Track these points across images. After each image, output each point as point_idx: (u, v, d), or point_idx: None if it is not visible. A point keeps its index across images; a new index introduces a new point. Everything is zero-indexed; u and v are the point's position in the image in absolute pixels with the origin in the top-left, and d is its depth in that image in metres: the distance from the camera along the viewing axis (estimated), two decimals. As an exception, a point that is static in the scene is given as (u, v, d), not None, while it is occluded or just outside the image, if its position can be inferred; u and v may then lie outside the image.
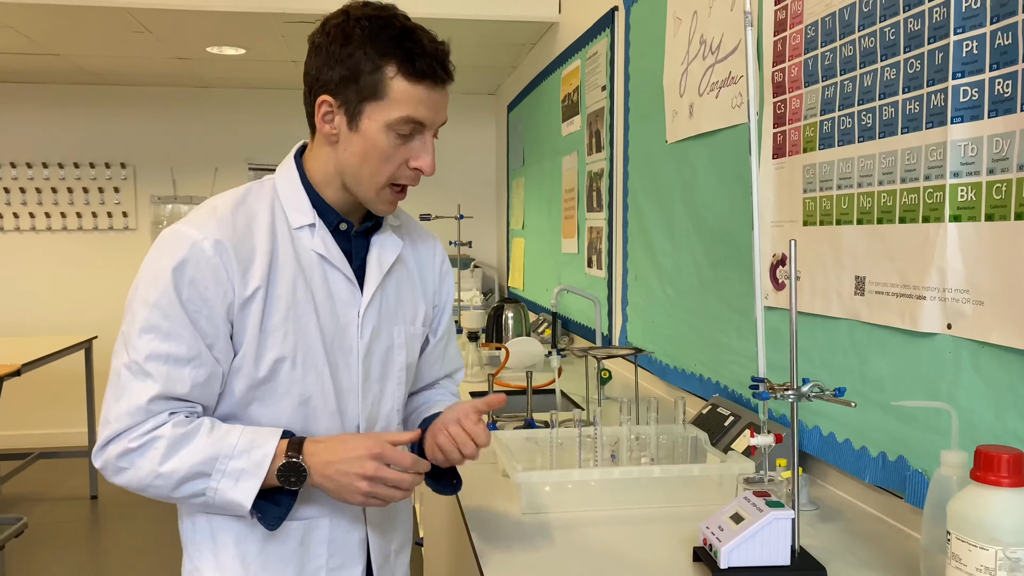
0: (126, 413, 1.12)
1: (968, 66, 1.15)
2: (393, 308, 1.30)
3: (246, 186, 1.24)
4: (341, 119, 1.17)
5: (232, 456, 1.13)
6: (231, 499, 1.13)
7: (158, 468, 1.12)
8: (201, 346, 1.14)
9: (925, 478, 1.24)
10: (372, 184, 1.19)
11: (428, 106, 1.17)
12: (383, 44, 1.14)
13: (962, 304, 1.17)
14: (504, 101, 5.29)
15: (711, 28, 2.00)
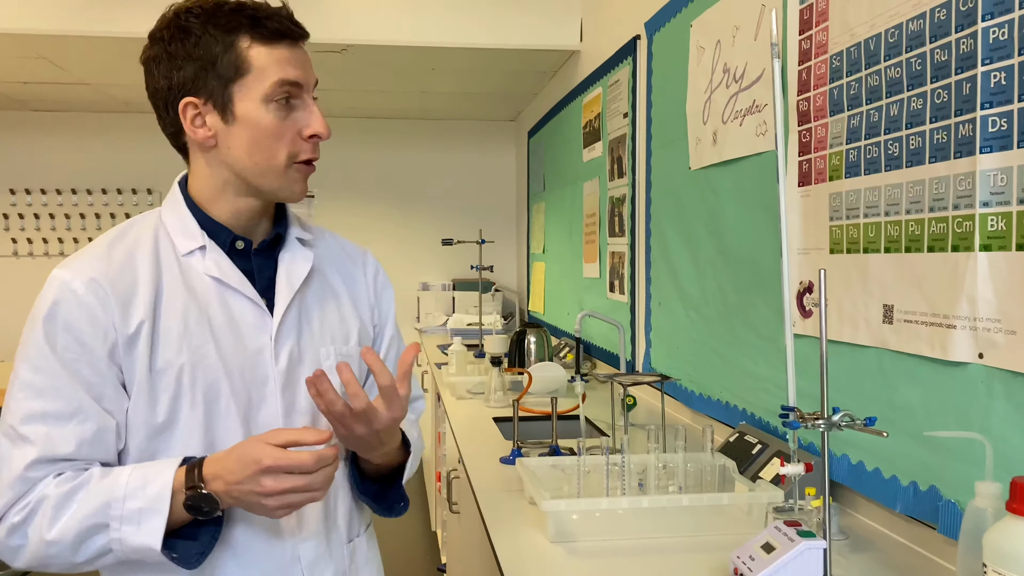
0: (7, 486, 1.00)
1: (996, 96, 1.15)
2: (317, 328, 1.17)
3: (127, 221, 1.15)
4: (213, 116, 1.07)
5: (125, 497, 0.99)
6: (138, 545, 0.99)
7: (47, 536, 0.99)
8: (84, 398, 1.02)
9: (959, 508, 1.23)
10: (273, 169, 1.09)
11: (296, 64, 1.08)
12: (225, 20, 1.06)
13: (994, 334, 1.16)
14: (525, 127, 5.33)
15: (735, 57, 2.02)
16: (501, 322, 4.82)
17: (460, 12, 3.67)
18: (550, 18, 3.75)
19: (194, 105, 1.07)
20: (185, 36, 1.06)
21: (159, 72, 1.08)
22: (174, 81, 1.07)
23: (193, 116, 1.08)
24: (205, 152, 1.11)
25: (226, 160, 1.09)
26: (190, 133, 1.09)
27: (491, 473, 1.89)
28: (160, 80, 1.08)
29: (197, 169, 1.13)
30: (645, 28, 2.75)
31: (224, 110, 1.07)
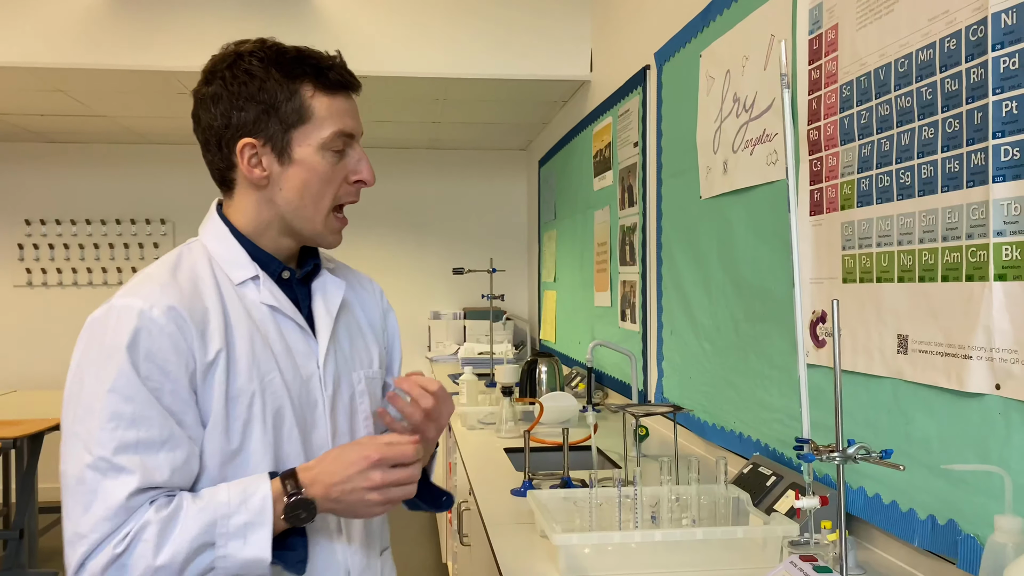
0: (103, 519, 0.98)
1: (1008, 126, 1.15)
2: (348, 354, 1.23)
3: (174, 251, 1.15)
4: (270, 158, 1.11)
5: (230, 514, 1.01)
6: (247, 558, 1.01)
7: (154, 562, 0.98)
8: (172, 425, 1.02)
9: (978, 543, 1.21)
10: (318, 213, 1.14)
11: (352, 116, 1.15)
12: (289, 68, 1.10)
13: (1011, 364, 1.15)
14: (536, 156, 5.35)
15: (744, 86, 2.03)
16: (512, 351, 4.80)
17: (470, 43, 3.70)
18: (560, 49, 3.78)
19: (252, 145, 1.11)
20: (249, 79, 1.09)
21: (216, 110, 1.11)
22: (233, 121, 1.11)
23: (250, 155, 1.11)
24: (256, 190, 1.14)
25: (275, 199, 1.13)
26: (245, 172, 1.12)
27: (502, 505, 1.87)
28: (217, 118, 1.12)
29: (243, 204, 1.16)
30: (655, 58, 2.77)
31: (282, 153, 1.11)
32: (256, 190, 1.14)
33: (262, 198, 1.14)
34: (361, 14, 3.66)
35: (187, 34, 3.59)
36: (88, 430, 1.00)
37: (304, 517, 1.04)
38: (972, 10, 1.21)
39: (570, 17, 3.79)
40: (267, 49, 1.12)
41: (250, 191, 1.15)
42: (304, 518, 1.04)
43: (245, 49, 1.12)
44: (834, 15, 1.59)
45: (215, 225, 1.17)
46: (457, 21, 3.71)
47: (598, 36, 3.68)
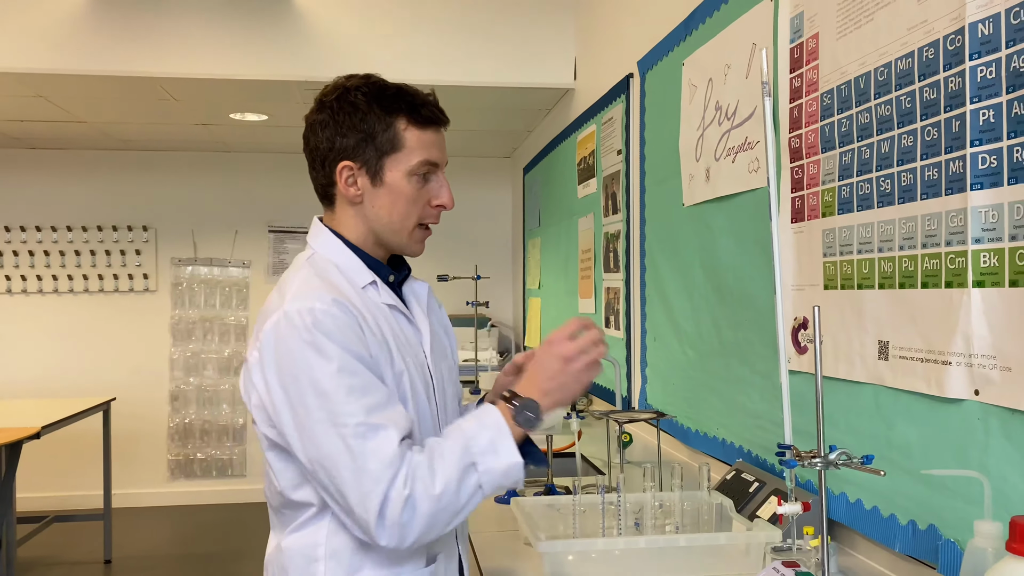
0: (385, 466, 1.12)
1: (986, 134, 1.16)
2: (436, 346, 1.40)
3: (301, 263, 1.29)
4: (364, 179, 1.27)
5: (477, 435, 1.16)
6: (504, 467, 1.16)
7: (435, 491, 1.13)
8: (385, 388, 1.20)
9: (958, 548, 1.21)
10: (404, 228, 1.30)
11: (438, 147, 1.31)
12: (388, 103, 1.26)
13: (989, 370, 1.16)
14: (520, 164, 5.36)
15: (726, 95, 2.04)
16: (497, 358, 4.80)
17: (454, 50, 3.71)
18: (544, 57, 3.79)
19: (350, 168, 1.27)
20: (353, 110, 1.26)
21: (323, 134, 1.28)
22: (336, 145, 1.26)
23: (347, 176, 1.27)
24: (352, 205, 1.30)
25: (368, 215, 1.29)
26: (342, 190, 1.29)
27: (486, 513, 1.87)
28: (323, 141, 1.28)
29: (343, 219, 1.32)
30: (638, 66, 2.78)
31: (375, 176, 1.27)
32: (352, 206, 1.30)
33: (357, 213, 1.30)
34: (345, 19, 3.65)
35: (169, 39, 3.58)
36: (332, 410, 1.13)
37: (533, 417, 1.18)
38: (950, 20, 1.22)
39: (554, 25, 3.80)
40: (371, 85, 1.28)
41: (347, 207, 1.30)
42: (534, 418, 1.18)
43: (352, 84, 1.28)
44: (815, 24, 1.60)
45: (328, 237, 1.31)
46: (441, 28, 3.71)
47: (582, 44, 3.69)
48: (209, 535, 5.01)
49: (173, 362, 5.71)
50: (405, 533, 1.12)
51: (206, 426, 5.75)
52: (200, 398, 5.74)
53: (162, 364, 5.70)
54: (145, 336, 5.68)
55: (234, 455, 5.78)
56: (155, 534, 5.06)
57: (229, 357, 5.76)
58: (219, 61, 3.61)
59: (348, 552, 1.23)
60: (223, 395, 5.76)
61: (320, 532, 1.23)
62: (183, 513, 5.48)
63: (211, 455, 5.76)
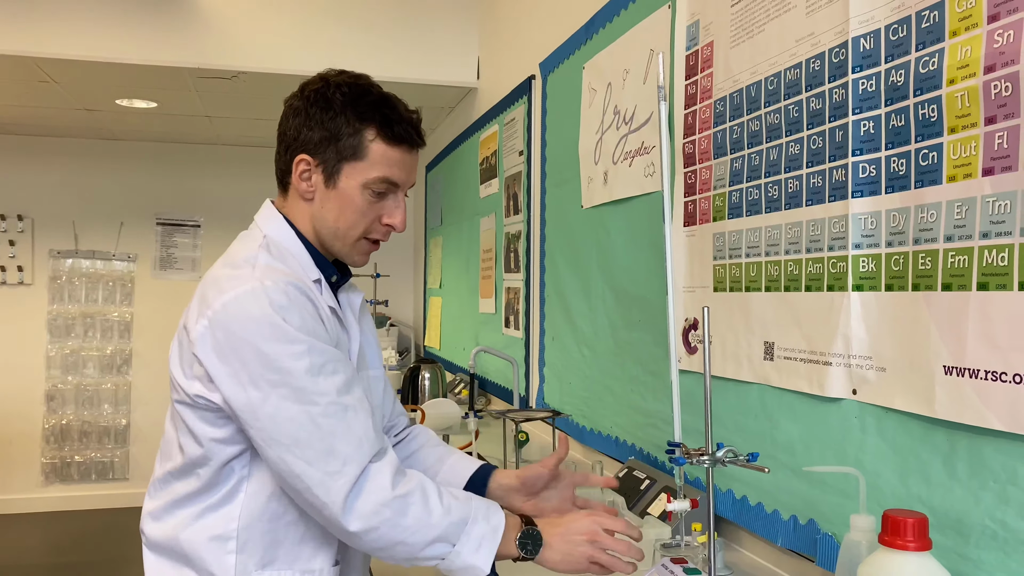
0: (355, 447, 1.10)
1: (866, 144, 1.21)
2: (366, 352, 1.37)
3: (253, 241, 1.24)
4: (318, 177, 1.24)
5: (476, 520, 1.14)
6: (468, 564, 1.13)
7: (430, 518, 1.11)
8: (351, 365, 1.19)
9: (835, 541, 1.26)
10: (348, 237, 1.26)
11: (403, 168, 1.26)
12: (363, 109, 1.22)
13: (866, 370, 1.21)
14: (423, 161, 5.32)
15: (625, 100, 2.07)
16: (396, 358, 4.74)
17: (356, 44, 3.64)
18: (448, 54, 3.77)
19: (307, 162, 1.24)
20: (327, 107, 1.22)
21: (293, 121, 1.25)
22: (301, 136, 1.23)
23: (303, 170, 1.24)
24: (303, 200, 1.27)
25: (316, 215, 1.26)
26: (295, 181, 1.25)
27: (379, 514, 1.83)
28: (291, 128, 1.25)
29: (295, 210, 1.28)
30: (540, 68, 2.80)
31: (329, 177, 1.24)
32: (303, 201, 1.26)
33: (306, 209, 1.27)
34: (242, 6, 3.53)
35: (53, 20, 3.37)
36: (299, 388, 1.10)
37: (530, 549, 1.16)
38: (835, 33, 1.27)
39: (458, 24, 3.78)
40: (354, 86, 1.24)
41: (299, 200, 1.27)
42: (530, 550, 1.16)
43: (335, 80, 1.25)
44: (710, 32, 1.64)
45: (282, 224, 1.27)
46: (343, 21, 3.64)
47: (485, 44, 3.69)
48: (87, 543, 4.76)
49: (50, 360, 5.39)
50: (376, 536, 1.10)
51: (85, 427, 5.46)
52: (79, 398, 5.44)
53: (37, 362, 5.37)
54: (18, 332, 5.35)
55: (116, 457, 5.50)
56: (27, 542, 4.76)
57: (112, 355, 5.48)
58: (106, 43, 3.43)
59: (262, 544, 1.19)
60: (104, 394, 5.48)
61: (231, 523, 1.19)
62: (58, 519, 5.18)
63: (90, 458, 5.47)
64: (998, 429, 0.98)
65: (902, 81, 1.14)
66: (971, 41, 1.03)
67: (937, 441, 1.09)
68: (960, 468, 1.05)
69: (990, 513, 1.00)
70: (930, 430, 1.10)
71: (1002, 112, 0.98)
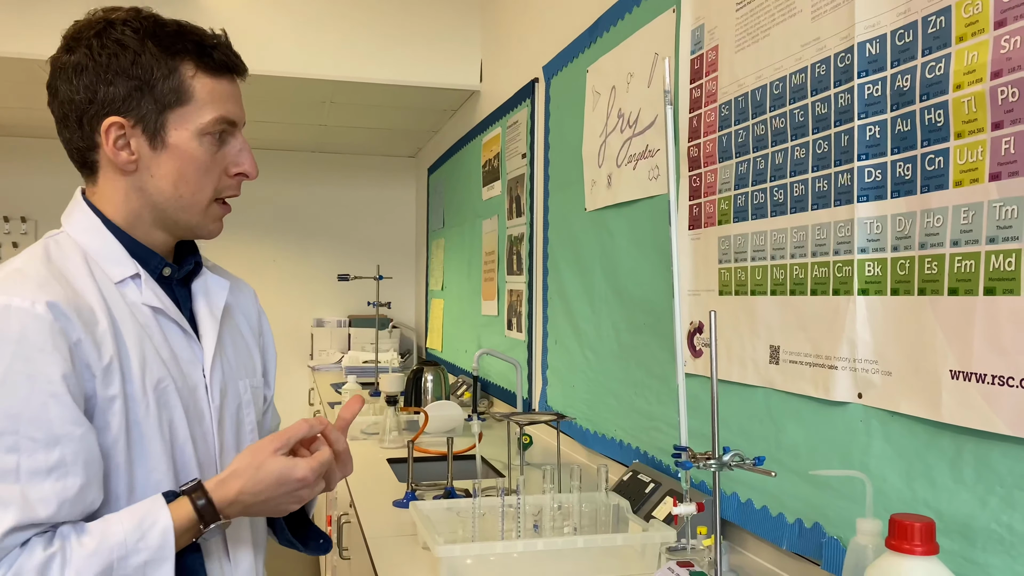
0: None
1: (872, 149, 1.22)
2: (233, 361, 1.14)
3: (38, 245, 1.01)
4: (139, 140, 1.01)
5: (127, 555, 0.89)
6: None
7: None
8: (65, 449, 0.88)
9: (841, 545, 1.27)
10: (196, 204, 1.04)
11: (235, 102, 1.06)
12: (169, 42, 1.00)
13: (871, 374, 1.21)
14: (425, 164, 5.32)
15: (629, 103, 2.07)
16: (398, 360, 4.75)
17: (360, 47, 3.65)
18: (450, 57, 3.77)
19: (120, 125, 1.00)
20: (121, 51, 0.98)
21: (79, 82, 0.99)
22: (99, 96, 0.99)
23: (117, 136, 1.00)
24: (123, 175, 1.03)
25: (146, 187, 1.03)
26: (110, 154, 1.01)
27: (384, 517, 1.84)
28: (80, 91, 0.99)
29: (108, 192, 1.04)
30: (543, 71, 2.80)
31: (154, 135, 1.01)
32: (123, 176, 1.03)
33: (131, 185, 1.03)
34: (248, 10, 3.54)
35: (56, 22, 3.38)
36: None
37: (215, 528, 0.97)
38: (840, 38, 1.28)
39: (461, 27, 3.79)
40: (143, 19, 1.01)
41: (116, 177, 1.03)
42: (215, 529, 0.97)
43: (117, 17, 1.00)
44: (715, 36, 1.65)
45: (84, 215, 1.04)
46: (347, 24, 3.64)
47: (488, 47, 3.69)
48: None
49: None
50: None
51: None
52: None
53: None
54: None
55: None
56: None
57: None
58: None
59: None
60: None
61: None
62: None
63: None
64: (1005, 433, 0.98)
65: (908, 86, 1.14)
66: (978, 47, 1.03)
67: (943, 445, 1.09)
68: (966, 472, 1.05)
69: (996, 517, 1.00)
70: (936, 434, 1.10)
71: (1009, 117, 0.98)
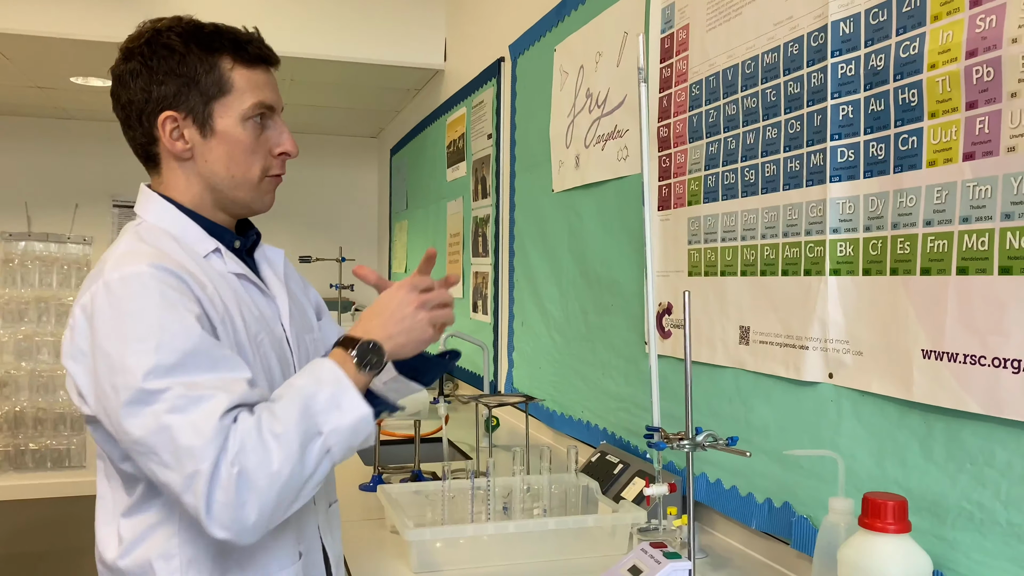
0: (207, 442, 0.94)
1: (845, 128, 1.21)
2: (298, 318, 1.28)
3: (128, 235, 1.13)
4: (191, 130, 1.13)
5: (315, 394, 1.01)
6: (351, 423, 1.02)
7: (273, 468, 0.96)
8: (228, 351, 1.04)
9: (811, 524, 1.27)
10: (248, 182, 1.17)
11: (271, 88, 1.18)
12: (208, 42, 1.13)
13: (842, 354, 1.22)
14: (387, 145, 5.25)
15: (597, 82, 2.05)
16: (360, 342, 4.69)
17: (321, 23, 3.57)
18: (414, 36, 3.71)
19: (173, 118, 1.13)
20: (168, 54, 1.12)
21: (135, 85, 1.13)
22: (153, 95, 1.12)
23: (172, 129, 1.13)
24: (180, 163, 1.16)
25: (202, 172, 1.15)
26: (168, 145, 1.14)
27: (350, 501, 1.81)
28: (137, 93, 1.13)
29: (172, 181, 1.17)
30: (509, 51, 2.77)
31: (203, 125, 1.14)
32: (181, 164, 1.15)
33: (190, 171, 1.16)
34: (202, -16, 3.43)
35: None
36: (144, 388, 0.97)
37: (376, 361, 1.06)
38: (814, 17, 1.27)
39: (425, 4, 3.73)
40: (184, 25, 1.14)
41: (176, 166, 1.16)
42: (377, 361, 1.07)
43: (163, 26, 1.14)
44: (685, 15, 1.63)
45: (158, 203, 1.16)
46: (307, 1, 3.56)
47: (453, 25, 3.64)
48: (42, 532, 4.65)
49: (2, 345, 5.25)
50: (242, 517, 0.94)
51: (40, 414, 5.32)
52: (33, 384, 5.30)
53: (-11, 348, 5.23)
54: (-31, 317, 5.19)
55: (72, 445, 5.38)
56: (-21, 533, 4.64)
57: (67, 340, 5.35)
58: (60, 18, 3.31)
59: (208, 560, 1.07)
60: (59, 380, 5.34)
61: (171, 541, 1.07)
62: (12, 508, 5.06)
63: (46, 445, 5.34)
64: (976, 412, 0.99)
65: (882, 66, 1.14)
66: (953, 26, 1.03)
67: (914, 424, 1.09)
68: (936, 451, 1.06)
69: (967, 495, 1.01)
70: (907, 413, 1.11)
71: (983, 97, 0.99)
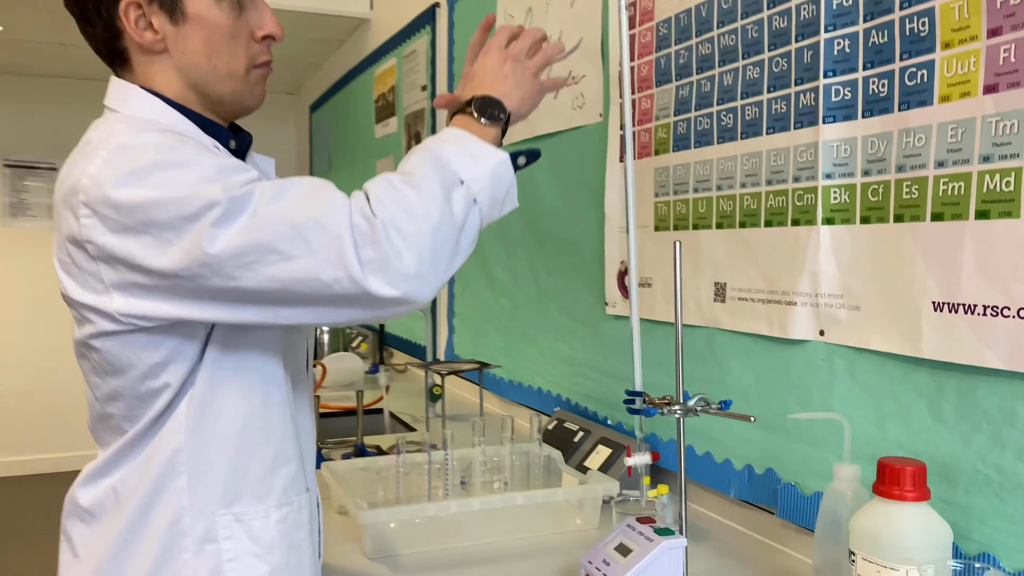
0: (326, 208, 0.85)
1: (840, 64, 1.12)
2: None
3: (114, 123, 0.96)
4: (160, 17, 0.96)
5: (441, 147, 0.93)
6: (491, 168, 0.94)
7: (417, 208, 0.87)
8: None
9: (800, 491, 1.20)
10: (235, 73, 1.00)
11: None
12: None
13: (836, 310, 1.13)
14: (306, 101, 4.99)
15: (549, 25, 1.92)
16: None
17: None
18: (338, -18, 3.49)
19: (137, 5, 0.96)
20: None
21: None
22: None
23: (137, 17, 0.96)
24: (153, 57, 0.98)
25: (181, 66, 0.99)
26: (135, 36, 0.97)
27: (288, 480, 1.66)
28: None
29: (148, 77, 0.99)
30: (446, -4, 2.60)
31: (173, 9, 0.97)
32: (155, 58, 0.98)
33: (167, 66, 0.99)
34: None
35: None
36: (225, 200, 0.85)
37: (498, 113, 1.00)
38: (804, -56, 1.17)
39: (348, -51, 3.50)
40: None
41: (149, 61, 0.99)
42: (499, 113, 1.00)
43: None
44: (651, -52, 1.51)
45: (143, 95, 0.98)
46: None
47: (379, -28, 3.43)
48: None
49: None
50: (400, 267, 0.84)
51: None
52: (-80, 361, 4.89)
53: None
54: None
55: (-33, 426, 5.00)
56: None
57: (-43, 313, 4.94)
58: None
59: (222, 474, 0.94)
60: (-49, 357, 4.94)
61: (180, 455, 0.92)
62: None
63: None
64: (996, 367, 0.92)
65: (886, -6, 1.05)
66: (973, -55, 0.94)
67: (920, 383, 1.02)
68: (947, 411, 0.98)
69: (983, 457, 0.94)
70: (912, 371, 1.03)
71: (1009, 23, 0.90)
